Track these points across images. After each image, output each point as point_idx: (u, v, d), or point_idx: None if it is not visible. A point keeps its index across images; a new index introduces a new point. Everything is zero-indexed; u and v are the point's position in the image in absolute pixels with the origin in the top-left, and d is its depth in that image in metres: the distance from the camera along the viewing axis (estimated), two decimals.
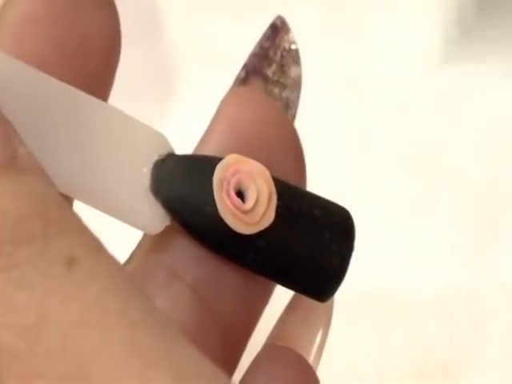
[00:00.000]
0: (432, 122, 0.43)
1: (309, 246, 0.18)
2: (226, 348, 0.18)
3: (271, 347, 0.20)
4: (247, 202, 0.18)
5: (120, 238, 0.19)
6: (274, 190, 0.18)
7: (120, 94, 0.20)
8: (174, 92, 0.40)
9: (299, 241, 0.18)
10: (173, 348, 0.13)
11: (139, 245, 0.19)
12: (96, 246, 0.14)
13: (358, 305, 0.40)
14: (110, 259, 0.14)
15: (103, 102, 0.18)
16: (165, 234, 0.18)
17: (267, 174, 0.18)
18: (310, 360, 0.20)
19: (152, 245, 0.19)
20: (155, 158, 0.18)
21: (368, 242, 0.40)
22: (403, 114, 0.43)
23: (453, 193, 0.42)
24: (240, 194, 0.18)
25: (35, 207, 0.13)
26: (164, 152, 0.18)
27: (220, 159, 0.18)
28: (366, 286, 0.40)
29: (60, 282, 0.13)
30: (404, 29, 0.44)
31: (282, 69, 0.23)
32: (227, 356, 0.18)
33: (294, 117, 0.23)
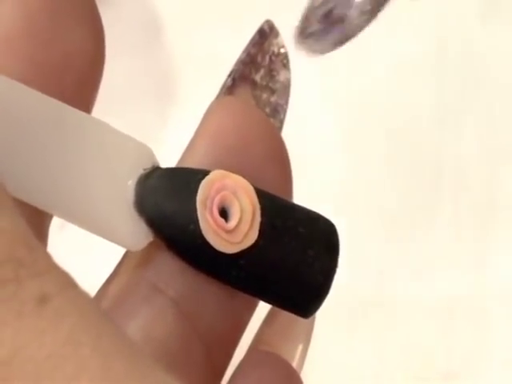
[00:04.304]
0: (433, 128, 0.43)
1: (292, 264, 0.18)
2: (210, 361, 0.18)
3: (257, 353, 0.20)
4: (230, 221, 0.18)
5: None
6: (258, 206, 0.18)
7: (121, 102, 0.20)
8: (175, 99, 0.40)
9: (282, 259, 0.18)
10: (147, 375, 0.13)
11: (122, 259, 0.19)
12: (66, 283, 0.14)
13: (358, 312, 0.40)
14: (81, 294, 0.14)
15: (86, 114, 0.18)
16: (147, 247, 0.18)
17: (251, 189, 0.18)
18: (294, 365, 0.20)
19: (134, 258, 0.19)
20: (140, 171, 0.18)
21: (367, 249, 0.40)
22: (404, 119, 0.42)
23: (453, 200, 0.42)
24: (223, 212, 0.18)
25: (6, 251, 0.13)
26: (149, 165, 0.18)
27: (205, 173, 0.18)
28: (366, 293, 0.40)
29: (32, 320, 0.13)
30: (404, 32, 0.44)
31: (271, 73, 0.23)
32: (212, 370, 0.18)
33: (282, 122, 0.23)
